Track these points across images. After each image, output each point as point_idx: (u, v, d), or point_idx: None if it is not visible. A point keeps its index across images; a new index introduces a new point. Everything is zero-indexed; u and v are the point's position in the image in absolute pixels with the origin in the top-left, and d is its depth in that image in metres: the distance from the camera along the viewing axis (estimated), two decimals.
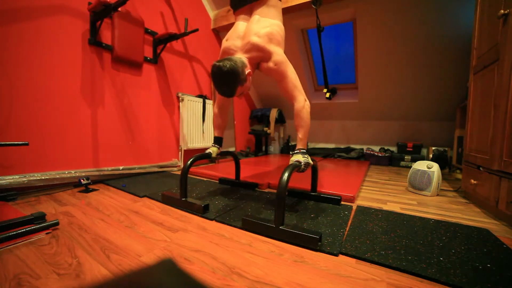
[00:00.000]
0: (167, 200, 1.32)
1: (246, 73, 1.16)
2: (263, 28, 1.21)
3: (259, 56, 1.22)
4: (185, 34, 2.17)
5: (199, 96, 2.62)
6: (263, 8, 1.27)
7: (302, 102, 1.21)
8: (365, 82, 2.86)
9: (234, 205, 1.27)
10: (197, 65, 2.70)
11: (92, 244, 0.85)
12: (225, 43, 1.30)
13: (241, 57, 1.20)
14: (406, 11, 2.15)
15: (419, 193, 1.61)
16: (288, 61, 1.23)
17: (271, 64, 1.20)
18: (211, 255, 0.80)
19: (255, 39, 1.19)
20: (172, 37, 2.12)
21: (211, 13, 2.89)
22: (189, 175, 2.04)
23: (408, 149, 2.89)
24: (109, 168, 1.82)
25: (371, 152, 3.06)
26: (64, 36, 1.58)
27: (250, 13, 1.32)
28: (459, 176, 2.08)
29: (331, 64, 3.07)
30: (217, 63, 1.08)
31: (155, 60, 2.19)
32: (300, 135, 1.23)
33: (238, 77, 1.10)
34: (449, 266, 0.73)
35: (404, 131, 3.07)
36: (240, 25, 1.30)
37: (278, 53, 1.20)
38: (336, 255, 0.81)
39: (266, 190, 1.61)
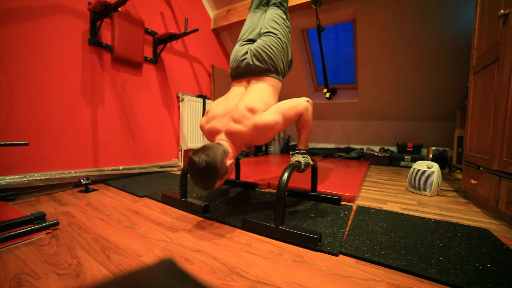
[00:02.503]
0: (167, 200, 1.32)
1: (228, 164, 0.97)
2: (245, 106, 1.06)
3: (245, 142, 1.09)
4: (185, 34, 2.17)
5: (199, 96, 2.62)
6: (261, 84, 1.18)
7: (306, 107, 1.13)
8: (365, 82, 2.86)
9: (234, 205, 1.27)
10: (197, 65, 2.70)
11: (92, 244, 0.85)
12: (213, 108, 1.16)
13: (224, 139, 1.05)
14: (406, 11, 2.15)
15: (419, 193, 1.61)
16: (276, 110, 1.08)
17: (264, 140, 1.10)
18: (211, 255, 0.80)
19: (237, 128, 1.04)
20: (172, 37, 2.12)
21: (211, 13, 2.89)
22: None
23: (408, 149, 2.89)
24: (109, 168, 1.82)
25: (371, 152, 3.06)
26: (64, 36, 1.58)
27: (246, 85, 1.23)
28: (459, 176, 2.08)
29: (331, 64, 3.07)
30: (193, 157, 0.89)
31: (155, 60, 2.19)
32: (302, 136, 1.21)
33: (216, 174, 0.92)
34: (449, 266, 0.73)
35: (404, 131, 3.07)
36: (232, 95, 1.19)
37: (266, 128, 1.04)
38: (336, 255, 0.81)
39: (266, 190, 1.61)
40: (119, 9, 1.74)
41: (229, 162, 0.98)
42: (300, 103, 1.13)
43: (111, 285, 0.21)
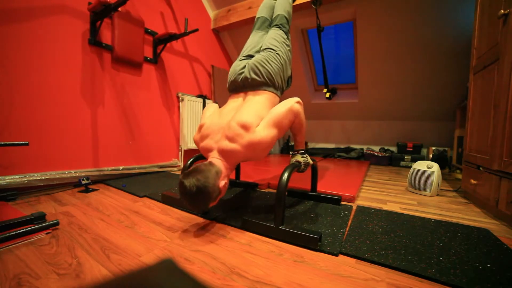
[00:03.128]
0: (167, 200, 1.32)
1: (221, 185, 0.94)
2: (237, 123, 1.00)
3: (238, 160, 1.04)
4: (185, 34, 2.17)
5: (199, 96, 2.62)
6: (256, 97, 1.15)
7: (296, 109, 1.07)
8: (365, 82, 2.86)
9: (234, 205, 1.27)
10: (197, 65, 2.70)
11: (92, 244, 0.85)
12: (203, 141, 1.10)
13: (217, 159, 1.00)
14: (406, 11, 2.15)
15: (419, 193, 1.61)
16: (268, 124, 1.02)
17: (262, 154, 1.04)
18: (211, 255, 0.80)
19: (226, 146, 1.00)
20: (172, 37, 2.12)
21: (211, 13, 2.89)
22: None
23: (408, 149, 2.89)
24: (109, 168, 1.82)
25: (371, 152, 3.06)
26: (64, 36, 1.58)
27: (243, 98, 1.21)
28: (459, 176, 2.08)
29: (331, 64, 3.07)
30: (184, 182, 0.86)
31: (155, 60, 2.19)
32: (298, 138, 1.21)
33: (208, 197, 0.89)
34: (449, 266, 0.73)
35: (404, 131, 3.07)
36: (228, 109, 1.16)
37: (255, 140, 0.98)
38: (336, 255, 0.81)
39: (266, 190, 1.61)
40: (119, 9, 1.75)
41: (222, 183, 0.95)
42: (292, 108, 1.06)
43: (111, 285, 0.21)
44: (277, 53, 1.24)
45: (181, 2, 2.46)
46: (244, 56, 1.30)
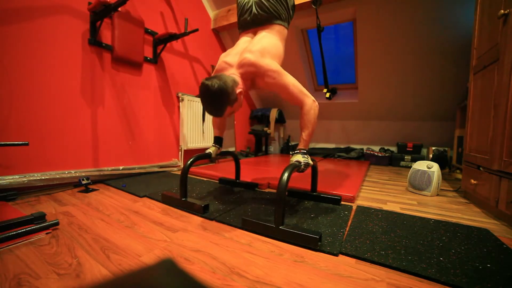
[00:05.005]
0: (167, 200, 1.32)
1: (237, 92, 1.10)
2: (257, 45, 1.20)
3: (252, 71, 1.17)
4: (185, 34, 2.17)
5: (199, 96, 2.62)
6: (267, 31, 1.27)
7: (310, 104, 1.17)
8: (365, 82, 2.86)
9: (234, 205, 1.27)
10: (197, 65, 2.70)
11: (92, 244, 0.85)
12: (221, 58, 1.28)
13: (234, 73, 1.17)
14: (406, 11, 2.15)
15: (419, 193, 1.61)
16: (285, 73, 1.18)
17: (266, 79, 1.16)
18: (211, 255, 0.80)
19: (247, 55, 1.17)
20: (172, 37, 2.12)
21: (211, 13, 2.89)
22: (189, 175, 2.04)
23: (408, 149, 2.89)
24: (109, 168, 1.82)
25: (371, 152, 3.06)
26: (64, 36, 1.58)
27: (253, 35, 1.32)
28: (459, 176, 2.08)
29: (331, 64, 3.07)
30: (206, 82, 1.02)
31: (155, 60, 2.19)
32: (304, 136, 1.20)
33: (227, 98, 1.04)
34: (449, 266, 0.73)
35: (404, 131, 3.07)
36: (241, 43, 1.30)
37: (271, 65, 1.15)
38: (336, 255, 0.81)
39: (266, 190, 1.61)
40: (119, 9, 1.74)
41: (238, 90, 1.10)
42: (308, 98, 1.18)
43: (111, 285, 0.21)
44: None
45: (181, 2, 2.46)
46: None
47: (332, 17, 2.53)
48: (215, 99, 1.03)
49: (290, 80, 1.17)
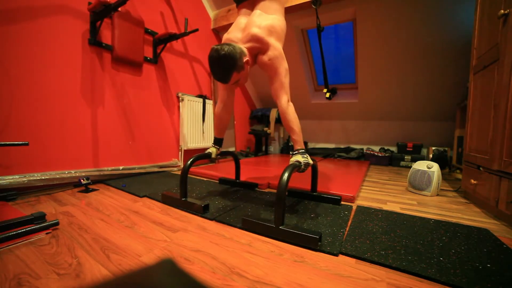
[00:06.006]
0: (167, 200, 1.32)
1: (244, 60, 1.16)
2: (264, 20, 1.21)
3: (257, 47, 1.21)
4: (185, 34, 2.17)
5: (199, 96, 2.62)
6: (265, 2, 1.27)
7: (285, 103, 1.20)
8: (365, 82, 2.86)
9: (234, 205, 1.27)
10: (197, 65, 2.70)
11: (92, 244, 0.85)
12: (226, 36, 1.31)
13: (241, 46, 1.20)
14: (406, 11, 2.15)
15: (419, 193, 1.61)
16: (284, 58, 1.22)
17: (266, 58, 1.20)
18: (211, 255, 0.80)
19: (255, 30, 1.19)
20: (172, 37, 2.12)
21: (211, 13, 2.89)
22: (189, 175, 2.04)
23: (408, 149, 2.89)
24: (109, 168, 1.82)
25: (371, 152, 3.06)
26: (64, 36, 1.58)
27: (252, 8, 1.32)
28: (459, 176, 2.08)
29: (331, 64, 3.07)
30: (215, 46, 1.10)
31: (155, 60, 2.19)
32: (293, 136, 1.22)
33: (235, 62, 1.11)
34: (449, 266, 0.73)
35: (404, 131, 3.07)
36: (242, 19, 1.31)
37: (276, 47, 1.19)
38: (336, 255, 0.81)
39: (266, 190, 1.61)
40: (119, 9, 1.74)
41: (245, 59, 1.16)
42: (287, 96, 1.22)
43: (111, 285, 0.21)
44: None
45: (181, 2, 2.46)
46: None
47: (332, 17, 2.53)
48: (224, 62, 1.09)
49: (282, 71, 1.20)
